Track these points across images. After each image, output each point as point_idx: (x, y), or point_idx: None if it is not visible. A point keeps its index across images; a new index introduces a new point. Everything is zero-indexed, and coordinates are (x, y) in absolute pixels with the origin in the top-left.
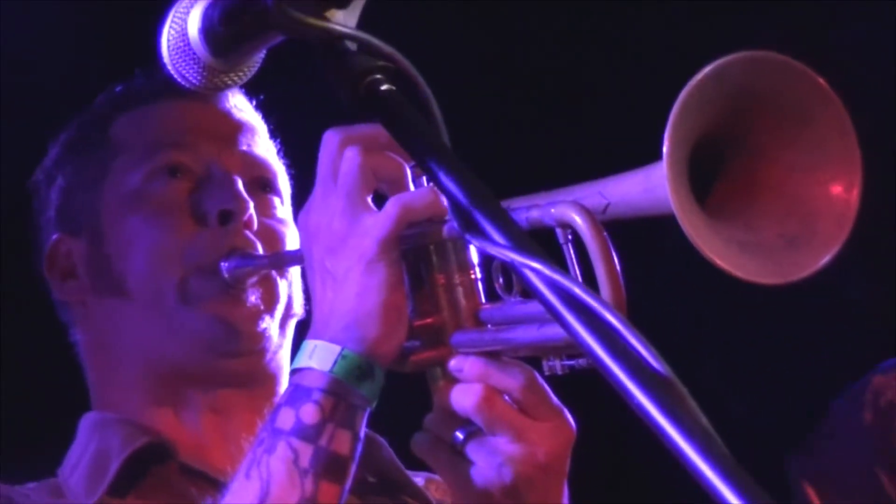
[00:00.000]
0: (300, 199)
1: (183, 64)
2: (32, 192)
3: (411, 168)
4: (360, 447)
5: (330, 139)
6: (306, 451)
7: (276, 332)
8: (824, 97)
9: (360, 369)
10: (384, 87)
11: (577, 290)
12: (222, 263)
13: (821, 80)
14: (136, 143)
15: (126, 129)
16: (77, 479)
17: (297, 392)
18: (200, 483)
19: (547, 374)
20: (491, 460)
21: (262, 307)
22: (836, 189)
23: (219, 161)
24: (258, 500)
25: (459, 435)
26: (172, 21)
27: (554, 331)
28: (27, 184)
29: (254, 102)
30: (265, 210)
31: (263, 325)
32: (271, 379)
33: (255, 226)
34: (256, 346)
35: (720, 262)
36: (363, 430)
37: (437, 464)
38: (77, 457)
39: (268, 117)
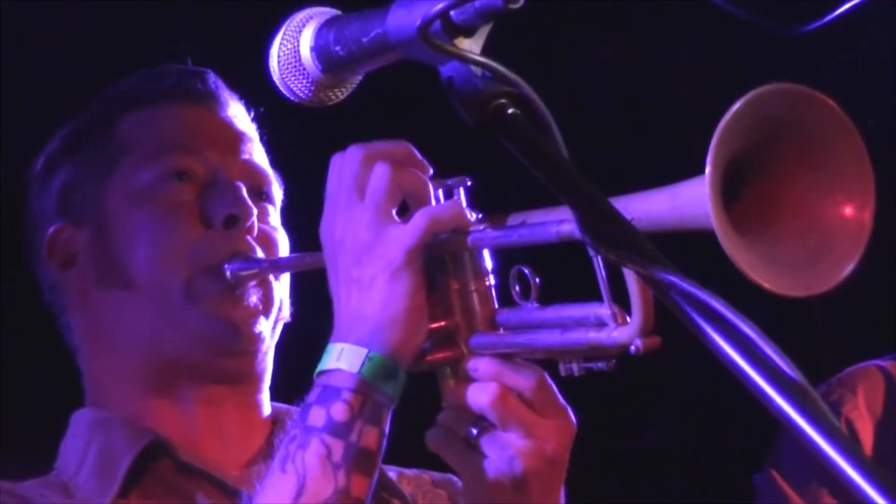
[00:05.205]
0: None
1: (293, 79)
2: (30, 180)
3: (431, 181)
4: (384, 442)
5: (353, 154)
6: (338, 447)
7: (269, 334)
8: (843, 126)
9: (385, 370)
10: (510, 111)
11: (715, 303)
12: (226, 265)
13: (840, 111)
14: (143, 143)
15: (133, 128)
16: (85, 479)
17: (327, 392)
18: (197, 479)
19: (563, 375)
20: (503, 453)
21: (260, 308)
22: (851, 210)
23: (223, 168)
24: (295, 493)
25: (473, 430)
26: (283, 38)
27: (578, 336)
28: (24, 173)
29: (252, 114)
30: (262, 217)
31: (259, 326)
32: (258, 378)
33: (255, 231)
34: (252, 346)
35: (753, 276)
36: (387, 427)
37: (451, 457)
38: (79, 455)
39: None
